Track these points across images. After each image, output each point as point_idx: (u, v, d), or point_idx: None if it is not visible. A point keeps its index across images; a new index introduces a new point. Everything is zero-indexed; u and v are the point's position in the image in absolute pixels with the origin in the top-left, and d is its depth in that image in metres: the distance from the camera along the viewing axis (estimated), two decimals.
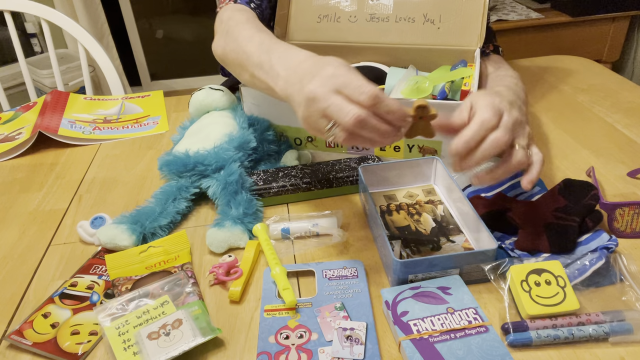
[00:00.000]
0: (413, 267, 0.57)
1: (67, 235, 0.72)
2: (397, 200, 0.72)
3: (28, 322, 0.57)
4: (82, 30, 1.30)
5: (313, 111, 0.53)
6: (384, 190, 0.74)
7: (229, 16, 0.77)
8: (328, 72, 0.53)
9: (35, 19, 2.55)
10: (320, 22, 0.90)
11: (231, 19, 0.76)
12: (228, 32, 0.74)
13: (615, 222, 0.64)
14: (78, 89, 2.42)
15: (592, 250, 0.59)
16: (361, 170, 0.70)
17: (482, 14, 0.83)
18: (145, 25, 3.09)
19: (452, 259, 0.57)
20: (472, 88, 0.74)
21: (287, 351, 0.52)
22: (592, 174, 0.73)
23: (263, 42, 0.66)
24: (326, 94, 0.51)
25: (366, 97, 0.50)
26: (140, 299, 0.57)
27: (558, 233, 0.61)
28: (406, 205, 0.71)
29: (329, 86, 0.51)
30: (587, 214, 0.62)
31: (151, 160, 0.89)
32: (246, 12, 0.78)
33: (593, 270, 0.56)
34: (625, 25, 2.18)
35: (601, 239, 0.60)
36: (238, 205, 0.69)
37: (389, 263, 0.59)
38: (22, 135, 0.95)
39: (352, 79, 0.51)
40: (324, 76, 0.52)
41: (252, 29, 0.70)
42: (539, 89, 1.05)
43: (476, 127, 0.55)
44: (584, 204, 0.63)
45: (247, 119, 0.81)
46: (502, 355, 0.49)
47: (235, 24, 0.74)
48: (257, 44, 0.66)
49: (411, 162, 0.73)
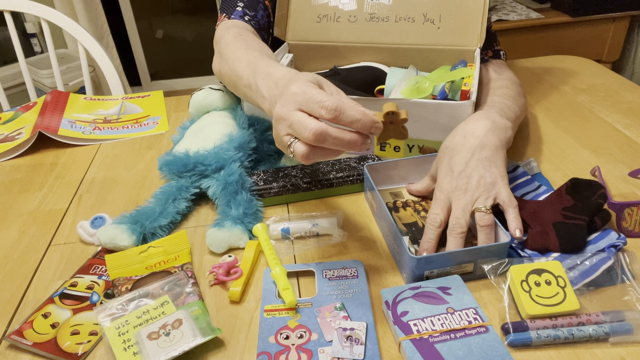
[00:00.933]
0: (429, 263, 0.57)
1: (67, 235, 0.72)
2: (403, 197, 0.72)
3: (28, 322, 0.57)
4: (82, 30, 1.30)
5: (280, 130, 0.54)
6: (389, 187, 0.74)
7: (220, 36, 0.80)
8: (291, 91, 0.54)
9: (35, 19, 2.55)
10: (320, 22, 0.90)
11: (222, 39, 0.79)
12: (221, 54, 0.76)
13: (624, 222, 0.64)
14: (78, 89, 2.42)
15: (600, 250, 0.59)
16: (366, 169, 0.71)
17: (482, 14, 0.83)
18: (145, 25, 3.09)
19: (467, 253, 0.57)
20: (472, 88, 0.74)
21: (287, 351, 0.52)
22: (597, 173, 0.73)
23: (250, 62, 0.67)
24: (288, 113, 0.53)
25: (326, 111, 0.51)
26: (140, 299, 0.57)
27: (567, 232, 0.61)
28: (412, 202, 0.71)
29: (291, 105, 0.53)
30: (595, 213, 0.62)
31: (151, 160, 0.89)
32: (235, 29, 0.80)
33: (603, 269, 0.56)
34: (625, 25, 2.18)
35: (610, 238, 0.60)
36: (238, 205, 0.69)
37: (403, 260, 0.59)
38: (22, 135, 0.95)
39: (313, 94, 0.52)
40: (287, 96, 0.54)
41: (239, 49, 0.72)
42: (539, 89, 1.05)
43: (429, 231, 0.61)
44: (592, 202, 0.63)
45: (247, 119, 0.81)
46: (502, 355, 0.49)
47: (225, 46, 0.76)
48: (244, 65, 0.68)
49: (416, 160, 0.73)
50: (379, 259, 0.64)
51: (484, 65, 0.90)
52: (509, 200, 0.62)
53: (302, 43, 0.92)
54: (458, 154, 0.65)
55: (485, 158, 0.64)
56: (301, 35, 0.92)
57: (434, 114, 0.73)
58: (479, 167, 0.63)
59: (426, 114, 0.73)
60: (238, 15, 0.86)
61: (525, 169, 0.76)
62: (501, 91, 0.81)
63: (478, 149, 0.65)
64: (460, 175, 0.63)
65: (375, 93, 0.86)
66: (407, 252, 0.57)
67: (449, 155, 0.66)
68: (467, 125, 0.68)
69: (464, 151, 0.65)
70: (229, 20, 0.86)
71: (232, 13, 0.87)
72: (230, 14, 0.87)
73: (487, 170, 0.63)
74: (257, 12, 0.88)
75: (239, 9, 0.87)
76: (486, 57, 0.92)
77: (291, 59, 0.92)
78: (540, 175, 0.75)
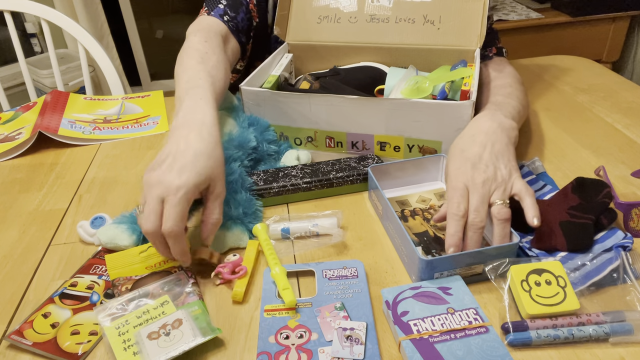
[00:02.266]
0: (439, 266, 0.57)
1: (67, 235, 0.72)
2: (411, 206, 0.72)
3: (28, 322, 0.57)
4: (82, 30, 1.30)
5: (143, 191, 0.59)
6: (393, 190, 0.75)
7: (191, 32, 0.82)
8: (169, 178, 0.57)
9: (35, 19, 2.55)
10: (320, 23, 0.90)
11: (189, 37, 0.81)
12: (181, 51, 0.78)
13: (632, 222, 0.64)
14: (78, 89, 2.42)
15: (607, 249, 0.59)
16: (371, 170, 0.71)
17: (482, 14, 0.83)
18: (145, 25, 3.09)
19: (477, 255, 0.57)
20: (472, 88, 0.74)
21: (287, 351, 0.52)
22: (602, 173, 0.73)
23: (188, 81, 0.70)
24: (151, 198, 0.57)
25: (165, 227, 0.56)
26: (140, 299, 0.57)
27: (574, 231, 0.61)
28: (420, 211, 0.70)
29: (158, 192, 0.57)
30: (601, 212, 0.62)
31: (151, 160, 0.89)
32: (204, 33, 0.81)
33: (610, 269, 0.56)
34: (625, 25, 2.18)
35: (616, 237, 0.60)
36: (238, 205, 0.69)
37: (412, 262, 0.59)
38: (22, 135, 0.95)
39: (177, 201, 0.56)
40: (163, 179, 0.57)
41: (193, 59, 0.75)
42: (539, 89, 1.05)
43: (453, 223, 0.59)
44: (598, 201, 0.63)
45: (247, 118, 0.81)
46: (502, 355, 0.49)
47: (185, 49, 0.78)
48: (184, 80, 0.71)
49: (421, 161, 0.73)
50: (379, 259, 0.64)
51: (487, 63, 0.90)
52: (526, 189, 0.61)
53: (302, 43, 0.92)
54: (470, 149, 0.65)
55: (498, 151, 0.64)
56: (301, 35, 0.92)
57: (434, 114, 0.73)
58: (493, 159, 0.63)
59: (426, 114, 0.73)
60: (218, 14, 0.87)
61: (529, 168, 0.76)
62: (504, 90, 0.80)
63: (489, 144, 0.65)
64: (476, 167, 0.62)
65: (375, 93, 0.86)
66: (416, 254, 0.56)
67: (460, 150, 0.65)
68: (474, 126, 0.68)
69: (476, 146, 0.65)
70: (208, 16, 0.86)
71: (213, 9, 0.87)
72: (211, 9, 0.87)
73: (502, 163, 0.63)
74: (238, 14, 0.89)
75: (220, 6, 0.88)
76: (490, 54, 0.92)
77: (291, 58, 0.92)
78: (545, 175, 0.75)
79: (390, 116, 0.75)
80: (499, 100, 0.77)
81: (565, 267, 0.57)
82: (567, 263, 0.58)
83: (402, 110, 0.74)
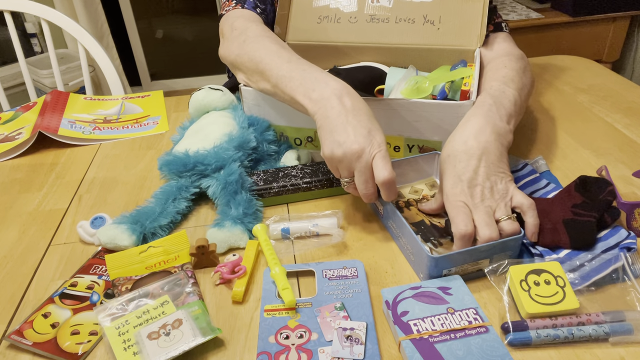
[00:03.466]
0: (447, 262, 0.57)
1: (67, 235, 0.72)
2: (404, 197, 0.72)
3: (28, 322, 0.57)
4: (82, 30, 1.30)
5: (343, 159, 0.62)
6: None
7: (245, 26, 0.80)
8: (378, 140, 0.61)
9: (35, 19, 2.55)
10: (321, 23, 0.90)
11: (248, 29, 0.79)
12: (245, 42, 0.77)
13: (635, 222, 0.64)
14: (78, 89, 2.42)
15: (611, 246, 0.59)
16: None
17: (482, 14, 0.83)
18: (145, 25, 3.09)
19: (484, 250, 0.57)
20: (472, 88, 0.74)
21: (287, 351, 0.52)
22: (605, 172, 0.73)
23: (291, 59, 0.71)
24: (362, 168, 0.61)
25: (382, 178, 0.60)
26: (140, 299, 0.57)
27: (578, 229, 0.61)
28: (414, 202, 0.71)
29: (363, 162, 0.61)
30: (604, 210, 0.62)
31: (151, 160, 0.89)
32: (259, 23, 0.81)
33: (612, 268, 0.56)
34: (625, 25, 2.18)
35: (619, 235, 0.61)
36: (238, 205, 0.69)
37: (420, 260, 0.59)
38: (22, 135, 0.95)
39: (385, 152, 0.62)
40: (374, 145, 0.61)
41: (274, 44, 0.75)
42: (539, 89, 1.05)
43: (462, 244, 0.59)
44: (601, 200, 0.63)
45: (247, 118, 0.81)
46: (502, 355, 0.49)
47: (255, 36, 0.77)
48: (285, 60, 0.71)
49: (416, 159, 0.73)
50: (379, 259, 0.64)
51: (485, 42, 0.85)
52: (527, 201, 0.61)
53: (302, 43, 0.92)
54: (462, 162, 0.63)
55: (492, 164, 0.62)
56: (301, 35, 0.92)
57: (434, 114, 0.73)
58: (489, 174, 0.62)
59: (426, 114, 0.73)
60: (251, 6, 0.86)
61: (533, 167, 0.76)
62: (499, 73, 0.76)
63: (484, 155, 0.63)
64: (472, 184, 0.61)
65: (375, 93, 0.86)
66: (425, 252, 0.57)
67: (452, 164, 0.63)
68: (466, 129, 0.65)
69: (469, 158, 0.62)
70: (241, 9, 0.85)
71: (245, 2, 0.86)
72: (242, 3, 0.86)
73: (497, 177, 0.62)
74: (267, 6, 0.89)
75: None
76: (487, 32, 0.87)
77: None
78: (548, 173, 0.75)
79: (390, 116, 0.75)
80: (494, 88, 0.72)
81: (565, 267, 0.58)
82: (566, 263, 0.58)
83: (402, 110, 0.74)
